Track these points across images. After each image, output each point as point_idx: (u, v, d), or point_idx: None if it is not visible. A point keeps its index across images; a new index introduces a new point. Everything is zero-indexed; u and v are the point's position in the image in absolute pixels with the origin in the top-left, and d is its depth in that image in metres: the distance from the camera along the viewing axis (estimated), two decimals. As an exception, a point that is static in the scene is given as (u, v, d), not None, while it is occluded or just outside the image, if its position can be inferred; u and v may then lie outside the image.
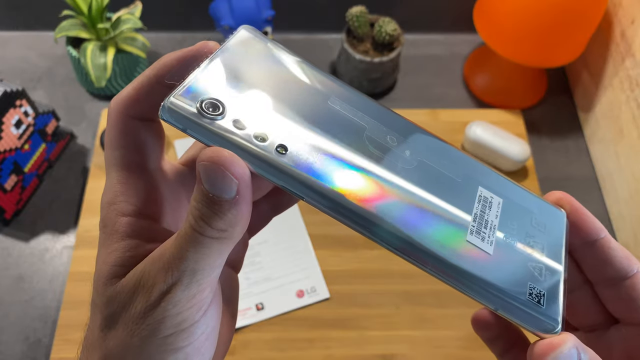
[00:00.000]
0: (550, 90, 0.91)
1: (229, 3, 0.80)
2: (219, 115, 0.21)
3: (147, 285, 0.21)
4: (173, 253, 0.21)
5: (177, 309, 0.21)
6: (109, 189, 0.24)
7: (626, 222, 0.75)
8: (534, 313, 0.22)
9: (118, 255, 0.23)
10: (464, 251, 0.22)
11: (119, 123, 0.23)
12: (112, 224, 0.23)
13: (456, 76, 0.92)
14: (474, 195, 0.24)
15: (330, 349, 0.66)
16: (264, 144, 0.21)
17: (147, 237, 0.23)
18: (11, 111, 0.70)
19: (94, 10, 0.75)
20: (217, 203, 0.20)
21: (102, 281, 0.23)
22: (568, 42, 0.79)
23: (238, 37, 0.24)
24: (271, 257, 0.72)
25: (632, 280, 0.25)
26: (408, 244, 0.22)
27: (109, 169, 0.24)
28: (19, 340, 0.67)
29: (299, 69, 0.25)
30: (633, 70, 0.75)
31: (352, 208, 0.21)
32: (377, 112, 0.25)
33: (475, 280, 0.22)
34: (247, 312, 0.68)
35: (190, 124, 0.21)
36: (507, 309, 0.22)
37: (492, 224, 0.24)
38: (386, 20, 0.82)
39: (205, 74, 0.22)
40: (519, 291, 0.22)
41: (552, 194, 0.27)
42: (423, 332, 0.67)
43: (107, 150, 0.24)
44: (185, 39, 0.93)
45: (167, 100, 0.21)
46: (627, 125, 0.75)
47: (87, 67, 0.76)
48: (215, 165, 0.20)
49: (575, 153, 0.85)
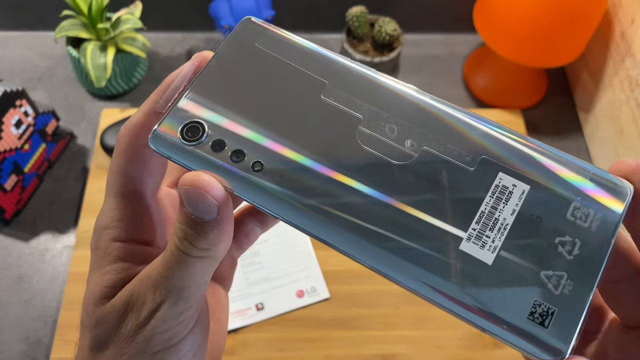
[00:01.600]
0: (550, 90, 0.91)
1: (229, 3, 0.80)
2: (199, 138, 0.22)
3: (137, 305, 0.22)
4: (160, 272, 0.22)
5: (166, 326, 0.22)
6: (105, 213, 0.24)
7: (626, 222, 0.75)
8: (533, 337, 0.18)
9: (109, 277, 0.24)
10: (451, 263, 0.19)
11: (127, 150, 0.24)
12: (104, 247, 0.24)
13: (456, 76, 0.92)
14: (489, 185, 0.20)
15: (331, 349, 0.66)
16: (240, 162, 0.21)
17: (138, 260, 0.24)
18: (11, 111, 0.70)
19: (94, 10, 0.75)
20: (199, 224, 0.21)
21: (92, 302, 0.24)
22: (568, 42, 0.79)
23: (237, 32, 0.24)
24: (271, 257, 0.72)
25: None
26: (383, 259, 0.19)
27: (109, 193, 0.24)
28: (19, 340, 0.67)
29: (296, 58, 0.24)
30: (633, 70, 0.75)
31: (326, 230, 0.20)
32: (380, 93, 0.22)
33: (460, 299, 0.19)
34: (247, 312, 0.68)
35: (173, 153, 0.22)
36: (496, 332, 0.19)
37: (504, 224, 0.20)
38: (386, 20, 0.82)
39: (189, 98, 0.23)
40: (517, 311, 0.19)
41: (619, 162, 0.21)
42: (423, 332, 0.67)
43: (111, 175, 0.24)
44: (185, 39, 0.93)
45: (153, 132, 0.22)
46: (627, 125, 0.75)
47: (87, 67, 0.76)
48: (194, 189, 0.21)
49: (576, 153, 0.85)
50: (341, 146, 0.21)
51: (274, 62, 0.24)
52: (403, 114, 0.21)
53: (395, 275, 0.19)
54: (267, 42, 0.24)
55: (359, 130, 0.21)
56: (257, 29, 0.25)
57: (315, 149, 0.21)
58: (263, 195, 0.21)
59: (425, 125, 0.21)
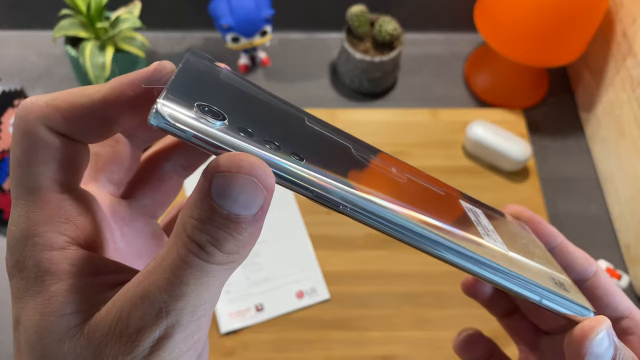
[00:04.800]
0: (552, 90, 0.91)
1: (229, 2, 0.80)
2: (219, 120, 0.18)
3: (129, 333, 0.17)
4: (166, 289, 0.17)
5: (174, 356, 0.17)
6: (21, 220, 0.18)
7: (627, 222, 0.74)
8: (569, 298, 0.23)
9: (64, 300, 0.17)
10: (489, 252, 0.22)
11: (37, 134, 0.18)
12: (35, 263, 0.18)
13: (457, 76, 0.92)
14: (461, 205, 0.25)
15: (330, 350, 0.66)
16: (279, 152, 0.18)
17: (92, 271, 0.19)
18: (10, 111, 0.69)
19: (93, 9, 0.75)
20: (235, 221, 0.17)
21: (51, 339, 0.17)
22: (569, 42, 0.78)
23: (189, 62, 0.20)
24: (271, 258, 0.71)
25: (593, 280, 0.26)
26: (446, 247, 0.21)
27: (19, 192, 0.18)
28: (17, 341, 0.66)
29: (262, 94, 0.22)
30: (634, 70, 0.74)
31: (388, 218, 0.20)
32: (344, 134, 0.23)
33: (516, 277, 0.22)
34: (246, 313, 0.67)
35: (195, 127, 0.17)
36: (548, 298, 0.22)
37: (490, 229, 0.24)
38: (386, 19, 0.82)
39: (185, 80, 0.19)
40: (548, 281, 0.23)
41: (508, 207, 0.28)
42: (423, 333, 0.67)
43: (17, 168, 0.18)
44: (184, 38, 0.93)
45: (160, 104, 0.17)
46: (629, 125, 0.75)
47: (86, 67, 0.76)
48: (242, 176, 0.16)
49: (577, 153, 0.85)
50: (351, 157, 0.22)
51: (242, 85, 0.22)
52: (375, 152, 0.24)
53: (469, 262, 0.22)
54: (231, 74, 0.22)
55: (354, 152, 0.22)
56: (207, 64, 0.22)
57: (331, 147, 0.22)
58: (312, 182, 0.19)
59: None
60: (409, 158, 0.74)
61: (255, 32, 0.82)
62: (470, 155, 0.81)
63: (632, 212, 0.73)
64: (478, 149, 0.79)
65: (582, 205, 0.80)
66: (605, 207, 0.80)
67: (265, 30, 0.83)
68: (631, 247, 0.73)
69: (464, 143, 0.82)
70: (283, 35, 0.93)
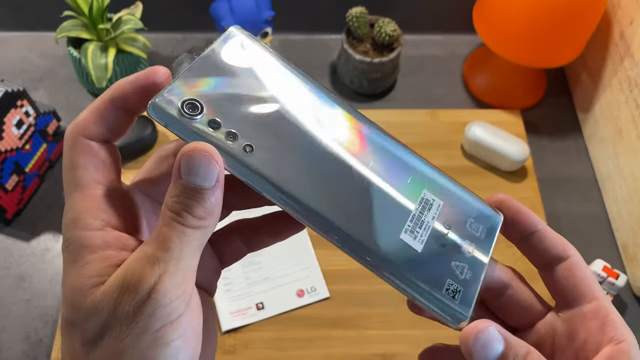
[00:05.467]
0: (550, 90, 0.91)
1: (229, 4, 0.80)
2: (197, 115, 0.24)
3: (134, 284, 0.22)
4: (157, 247, 0.22)
5: (167, 299, 0.22)
6: (69, 210, 0.24)
7: (625, 222, 0.75)
8: (447, 306, 0.26)
9: (93, 266, 0.23)
10: (395, 247, 0.25)
11: (77, 145, 0.25)
12: (78, 241, 0.24)
13: (456, 77, 0.93)
14: (417, 197, 0.27)
15: (331, 348, 0.66)
16: (233, 142, 0.24)
17: (118, 247, 0.24)
18: (12, 111, 0.70)
19: (95, 10, 0.75)
20: (199, 192, 0.23)
21: (78, 295, 0.23)
22: (567, 43, 0.79)
23: (227, 38, 0.27)
24: (271, 257, 0.72)
25: (566, 263, 0.28)
26: (347, 236, 0.25)
27: (68, 190, 0.25)
28: (20, 339, 0.67)
29: (280, 71, 0.27)
30: (632, 71, 0.75)
31: (307, 205, 0.25)
32: (344, 113, 0.27)
33: (399, 272, 0.25)
34: (247, 311, 0.68)
35: (171, 122, 0.24)
36: (423, 300, 0.26)
37: (427, 225, 0.27)
38: (386, 20, 0.83)
39: (190, 75, 0.25)
40: (437, 286, 0.26)
41: (493, 196, 0.29)
42: (423, 332, 0.67)
43: (66, 172, 0.25)
44: (186, 40, 0.93)
45: (154, 100, 0.24)
46: (626, 126, 0.76)
47: (88, 68, 0.77)
48: (200, 154, 0.22)
49: (575, 153, 0.86)
50: (316, 144, 0.26)
51: (267, 62, 0.27)
52: (360, 130, 0.28)
53: (344, 248, 0.25)
54: (261, 47, 0.28)
55: (330, 138, 0.26)
56: (243, 39, 0.27)
57: (295, 135, 0.26)
58: (252, 174, 0.24)
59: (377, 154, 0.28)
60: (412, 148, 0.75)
61: (256, 33, 0.83)
62: (469, 156, 0.82)
63: (629, 212, 0.74)
64: (477, 149, 0.80)
65: (580, 205, 0.80)
66: (603, 207, 0.80)
67: (266, 32, 0.83)
68: (628, 246, 0.74)
69: (462, 143, 0.82)
70: (283, 37, 0.94)
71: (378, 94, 0.89)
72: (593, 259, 0.71)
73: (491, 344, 0.24)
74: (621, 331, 0.26)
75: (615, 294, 0.70)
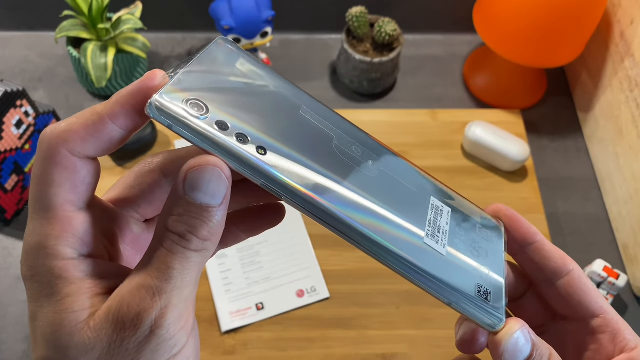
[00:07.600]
0: (550, 90, 0.91)
1: (229, 3, 0.80)
2: (204, 114, 0.22)
3: (130, 318, 0.20)
4: (158, 276, 0.20)
5: (171, 333, 0.21)
6: (34, 233, 0.21)
7: (625, 222, 0.75)
8: (483, 308, 0.25)
9: (74, 299, 0.21)
10: (422, 252, 0.25)
11: (55, 157, 0.21)
12: (50, 271, 0.21)
13: (456, 76, 0.93)
14: (427, 203, 0.27)
15: (331, 348, 0.66)
16: (246, 145, 0.22)
17: (98, 275, 0.22)
18: (12, 111, 0.70)
19: (95, 10, 0.75)
20: (206, 210, 0.20)
21: (63, 332, 0.20)
22: (567, 43, 0.79)
23: (213, 47, 0.25)
24: (271, 257, 0.72)
25: (567, 278, 0.27)
26: (376, 244, 0.24)
27: (35, 207, 0.21)
28: (19, 339, 0.67)
29: (272, 80, 0.26)
30: (632, 71, 0.75)
31: (324, 209, 0.23)
32: (342, 124, 0.27)
33: (433, 277, 0.24)
34: (247, 311, 0.68)
35: (176, 122, 0.21)
36: (460, 304, 0.25)
37: (444, 230, 0.26)
38: (386, 20, 0.83)
39: (187, 77, 0.23)
40: (470, 288, 0.25)
41: (491, 206, 0.29)
42: (423, 332, 0.67)
43: (36, 186, 0.21)
44: (186, 39, 0.93)
45: (154, 98, 0.21)
46: (627, 126, 0.76)
47: (88, 68, 0.77)
48: (209, 168, 0.20)
49: (575, 153, 0.86)
50: (325, 150, 0.25)
51: (258, 70, 0.26)
52: (362, 143, 0.27)
53: (391, 258, 0.24)
54: (248, 57, 0.26)
55: (335, 144, 0.25)
56: (232, 50, 0.26)
57: (304, 141, 0.24)
58: (269, 177, 0.22)
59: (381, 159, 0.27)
60: (408, 158, 0.75)
61: (256, 33, 0.83)
62: (469, 156, 0.82)
63: (629, 212, 0.74)
64: (477, 149, 0.80)
65: (580, 205, 0.80)
66: (603, 206, 0.80)
67: (266, 32, 0.83)
68: (629, 246, 0.74)
69: (462, 143, 0.82)
70: (283, 37, 0.94)
71: (378, 93, 0.89)
72: (593, 259, 0.71)
73: (523, 346, 0.24)
74: (632, 339, 0.26)
75: (616, 294, 0.70)
